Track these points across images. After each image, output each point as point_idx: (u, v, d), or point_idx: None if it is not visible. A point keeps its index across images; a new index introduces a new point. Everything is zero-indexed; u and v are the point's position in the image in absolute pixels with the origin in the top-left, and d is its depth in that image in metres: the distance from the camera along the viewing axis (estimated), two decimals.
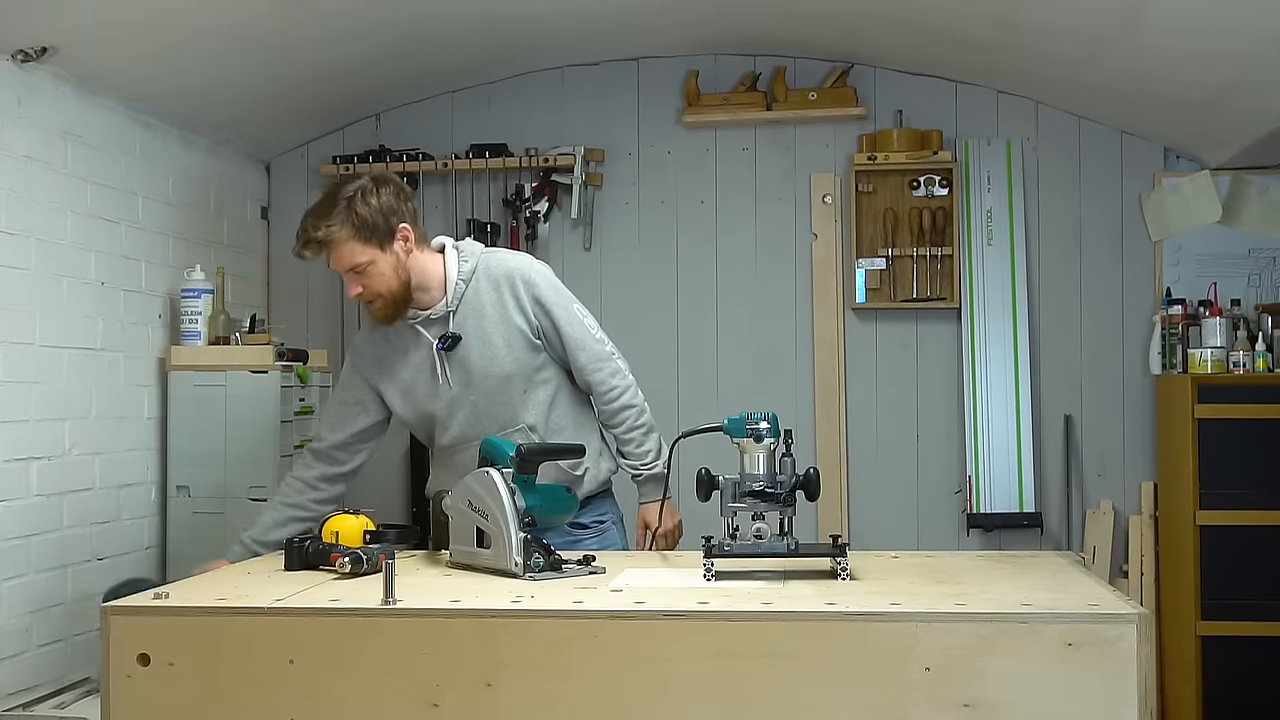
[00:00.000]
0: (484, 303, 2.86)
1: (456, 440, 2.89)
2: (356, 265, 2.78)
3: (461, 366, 2.86)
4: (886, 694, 1.91)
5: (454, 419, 2.88)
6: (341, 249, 2.77)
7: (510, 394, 2.86)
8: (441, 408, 2.88)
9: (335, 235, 2.75)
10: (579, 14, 4.19)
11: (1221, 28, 3.39)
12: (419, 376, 2.89)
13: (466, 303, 2.86)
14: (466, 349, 2.84)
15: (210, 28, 3.60)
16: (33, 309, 3.50)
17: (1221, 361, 4.20)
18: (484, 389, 2.85)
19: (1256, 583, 4.08)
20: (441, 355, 2.85)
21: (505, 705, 1.98)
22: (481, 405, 2.85)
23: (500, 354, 2.85)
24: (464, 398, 2.86)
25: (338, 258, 2.79)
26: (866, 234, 4.61)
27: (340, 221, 2.76)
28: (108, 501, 3.83)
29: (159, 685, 2.04)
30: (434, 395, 2.88)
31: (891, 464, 4.63)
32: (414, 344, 2.89)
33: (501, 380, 2.85)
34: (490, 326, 2.85)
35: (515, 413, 2.86)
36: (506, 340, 2.85)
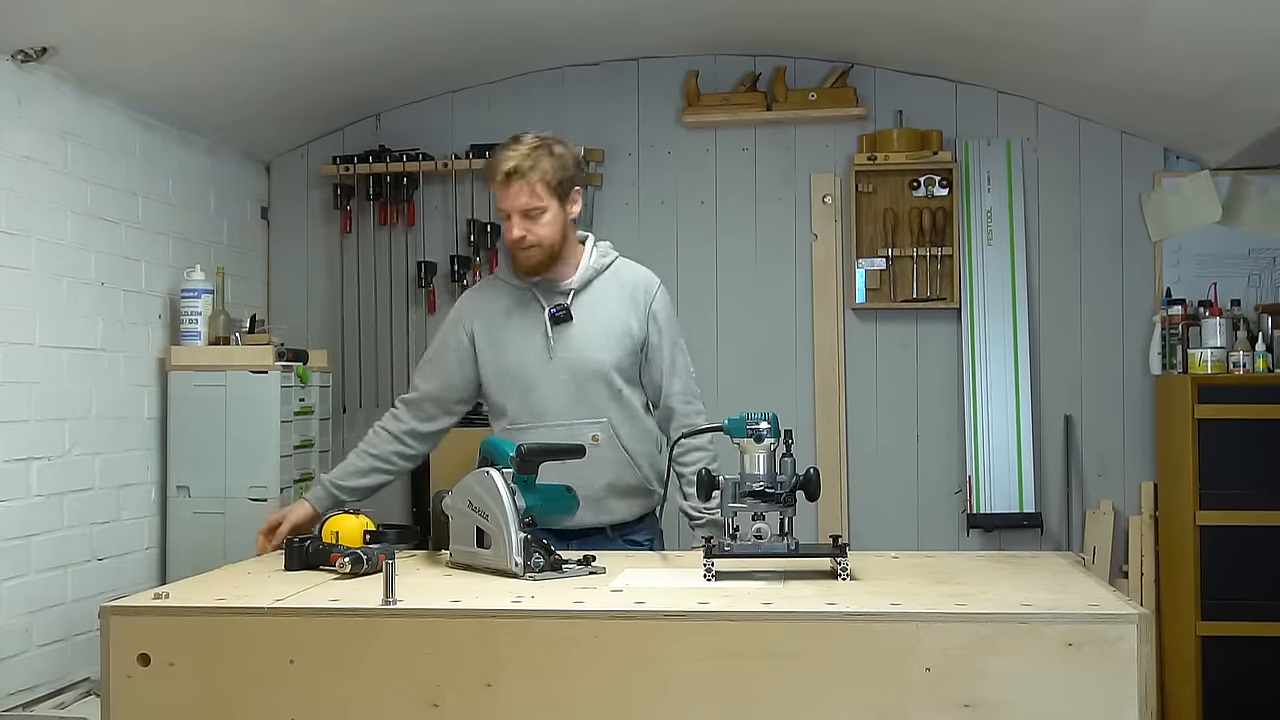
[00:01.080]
0: (608, 297, 2.92)
1: (536, 417, 2.87)
2: (534, 208, 2.80)
3: (566, 345, 2.87)
4: (886, 694, 1.91)
5: (540, 390, 2.87)
6: (531, 185, 2.79)
7: (602, 387, 2.88)
8: (533, 374, 2.88)
9: (530, 169, 2.78)
10: (579, 14, 4.19)
11: (1222, 27, 3.39)
12: (522, 341, 2.90)
13: (590, 290, 2.91)
14: (576, 330, 2.87)
15: (210, 28, 3.60)
16: (33, 309, 3.50)
17: (1221, 362, 4.20)
18: (580, 373, 2.87)
19: (1256, 583, 4.08)
20: (549, 325, 2.87)
21: (505, 705, 1.98)
22: (571, 385, 2.86)
23: (606, 345, 2.88)
24: (559, 375, 2.87)
25: (519, 193, 2.79)
26: (866, 234, 4.61)
27: (536, 159, 2.79)
28: (108, 501, 3.83)
29: (159, 685, 2.04)
30: (528, 361, 2.88)
31: (891, 464, 4.63)
32: (526, 309, 2.91)
33: (598, 370, 2.88)
34: (605, 319, 2.90)
35: (603, 406, 2.88)
36: (616, 337, 2.89)
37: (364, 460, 2.93)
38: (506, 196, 2.81)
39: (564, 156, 2.86)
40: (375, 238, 4.84)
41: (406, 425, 2.97)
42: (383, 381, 4.81)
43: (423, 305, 4.82)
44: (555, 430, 2.83)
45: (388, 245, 4.84)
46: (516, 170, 2.78)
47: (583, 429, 2.85)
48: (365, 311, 4.84)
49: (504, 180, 2.79)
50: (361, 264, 4.85)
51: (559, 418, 2.85)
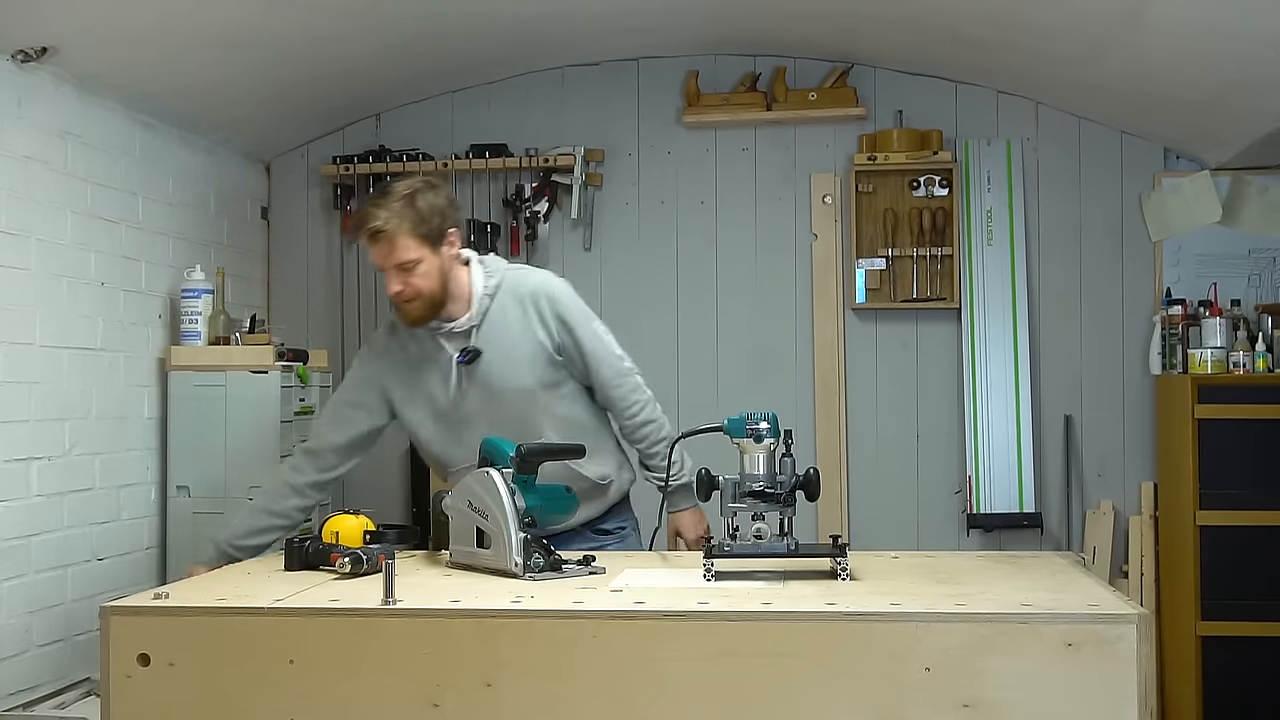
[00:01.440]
0: (508, 319, 2.86)
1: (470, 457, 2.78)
2: (406, 261, 2.76)
3: (481, 381, 2.84)
4: (886, 694, 1.91)
5: (474, 430, 2.81)
6: (397, 242, 2.75)
7: (532, 408, 2.86)
8: (459, 419, 2.86)
9: (395, 227, 2.74)
10: (579, 14, 4.19)
11: (1221, 28, 3.39)
12: (438, 389, 2.87)
13: (490, 318, 2.85)
14: (488, 363, 2.83)
15: (210, 28, 3.60)
16: (33, 309, 3.50)
17: (1221, 362, 4.20)
18: (504, 403, 2.84)
19: (1256, 583, 4.08)
20: (460, 369, 2.83)
21: (505, 705, 1.98)
22: (500, 419, 2.82)
23: (522, 369, 2.84)
24: (483, 412, 2.84)
25: (389, 251, 2.76)
26: (866, 234, 4.61)
27: (400, 214, 2.75)
28: (108, 501, 3.83)
29: (159, 685, 2.04)
30: (451, 409, 2.86)
31: (891, 464, 4.63)
32: (434, 355, 2.88)
33: (522, 395, 2.85)
34: (513, 342, 2.85)
35: (538, 425, 2.85)
36: (529, 357, 2.85)
37: (262, 519, 2.90)
38: (376, 254, 2.78)
39: (433, 204, 2.78)
40: None
41: (309, 478, 2.95)
42: None
43: None
44: None
45: None
46: (380, 230, 2.74)
47: None
48: (365, 311, 4.83)
49: (369, 240, 2.76)
50: (361, 264, 4.84)
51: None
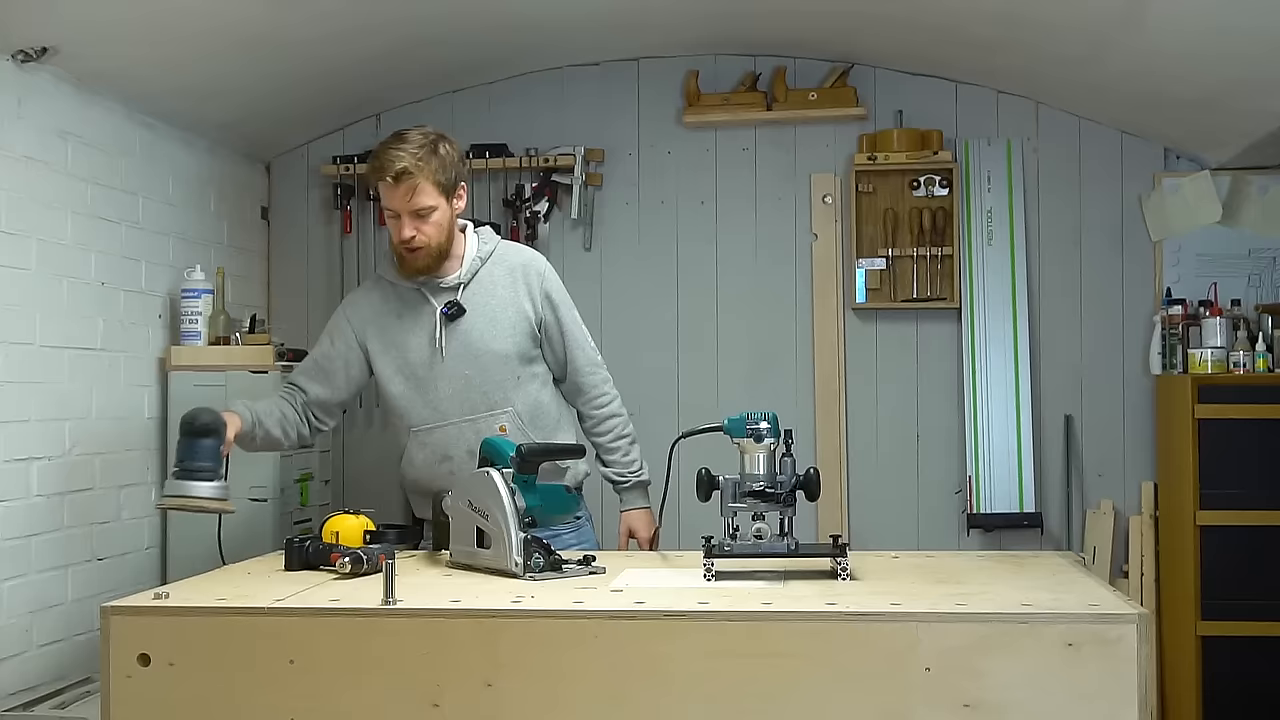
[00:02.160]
0: (496, 284, 2.89)
1: (440, 415, 2.87)
2: (423, 208, 2.78)
3: (462, 340, 2.86)
4: (886, 694, 1.91)
5: (443, 391, 2.86)
6: (419, 186, 2.76)
7: (505, 376, 2.87)
8: (432, 374, 2.87)
9: (419, 170, 2.75)
10: (579, 14, 4.19)
11: (1222, 28, 3.39)
12: (416, 341, 2.88)
13: (479, 280, 2.88)
14: (470, 323, 2.85)
15: (211, 28, 3.60)
16: (33, 309, 3.50)
17: (1221, 361, 4.20)
18: (480, 365, 2.86)
19: (1256, 583, 4.08)
20: (443, 321, 2.85)
21: (505, 705, 1.98)
22: (475, 381, 2.85)
23: (503, 333, 2.87)
24: (458, 371, 2.86)
25: (409, 194, 2.76)
26: (866, 234, 4.61)
27: (425, 159, 2.76)
28: (108, 501, 3.83)
29: (159, 685, 2.04)
30: (428, 363, 2.87)
31: (891, 464, 4.63)
32: (417, 309, 2.89)
33: (499, 359, 2.87)
34: (497, 306, 2.88)
35: (506, 395, 2.87)
36: (511, 323, 2.88)
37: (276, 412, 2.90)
38: (395, 196, 2.78)
39: (450, 154, 2.83)
40: (375, 238, 4.84)
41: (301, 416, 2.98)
42: None
43: None
44: (462, 427, 2.84)
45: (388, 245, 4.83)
46: (406, 171, 2.74)
47: (489, 421, 2.85)
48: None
49: (393, 180, 2.75)
50: (361, 264, 4.84)
51: (464, 414, 2.85)
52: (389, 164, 2.75)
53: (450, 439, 2.82)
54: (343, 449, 4.79)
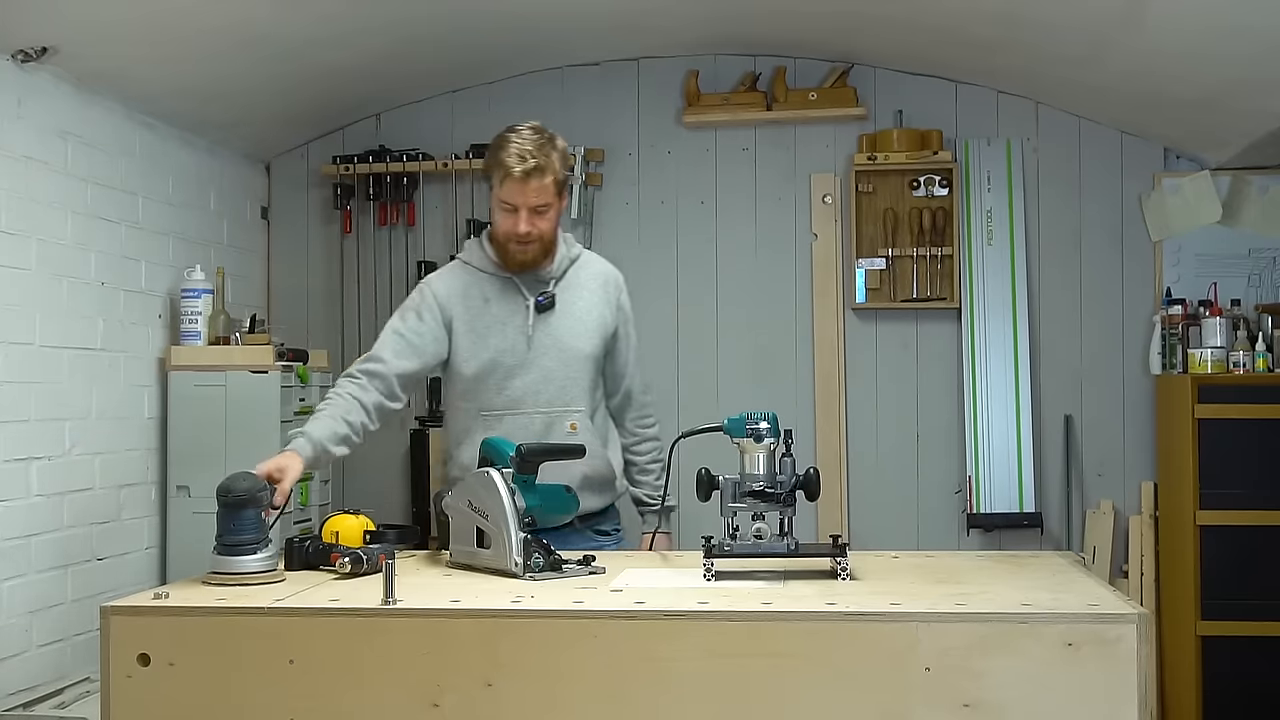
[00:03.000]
0: (582, 287, 2.96)
1: (514, 403, 2.88)
2: (542, 204, 2.82)
3: (549, 333, 2.90)
4: (886, 694, 1.91)
5: (521, 378, 2.87)
6: (545, 183, 2.80)
7: (581, 375, 2.92)
8: (514, 362, 2.88)
9: (547, 166, 2.80)
10: (579, 14, 4.19)
11: (1221, 28, 3.39)
12: (502, 328, 2.89)
13: (568, 280, 2.94)
14: (558, 318, 2.90)
15: (210, 28, 3.60)
16: (33, 309, 3.50)
17: (1221, 361, 4.20)
18: (562, 360, 2.90)
19: (1256, 583, 4.08)
20: (535, 315, 2.89)
21: (505, 705, 1.98)
22: (554, 375, 2.88)
23: (586, 334, 2.93)
24: (541, 362, 2.88)
25: (535, 189, 2.79)
26: (866, 234, 4.61)
27: (550, 155, 2.81)
28: (108, 501, 3.83)
29: (159, 685, 2.04)
30: (511, 349, 2.88)
31: (891, 464, 4.63)
32: (507, 297, 2.91)
33: (580, 358, 2.91)
34: (583, 308, 2.94)
35: (579, 394, 2.91)
36: (593, 326, 2.94)
37: (341, 427, 2.76)
38: (522, 192, 2.79)
39: (566, 153, 2.90)
40: (375, 238, 4.84)
41: (374, 399, 2.83)
42: None
43: None
44: (533, 418, 2.85)
45: (388, 245, 4.84)
46: (537, 168, 2.78)
47: (561, 416, 2.88)
48: (365, 311, 4.83)
49: (522, 176, 2.77)
50: (361, 264, 4.85)
51: (537, 405, 2.86)
52: (520, 158, 2.78)
53: (520, 427, 2.82)
54: None
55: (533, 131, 2.83)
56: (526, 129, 2.84)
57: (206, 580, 2.29)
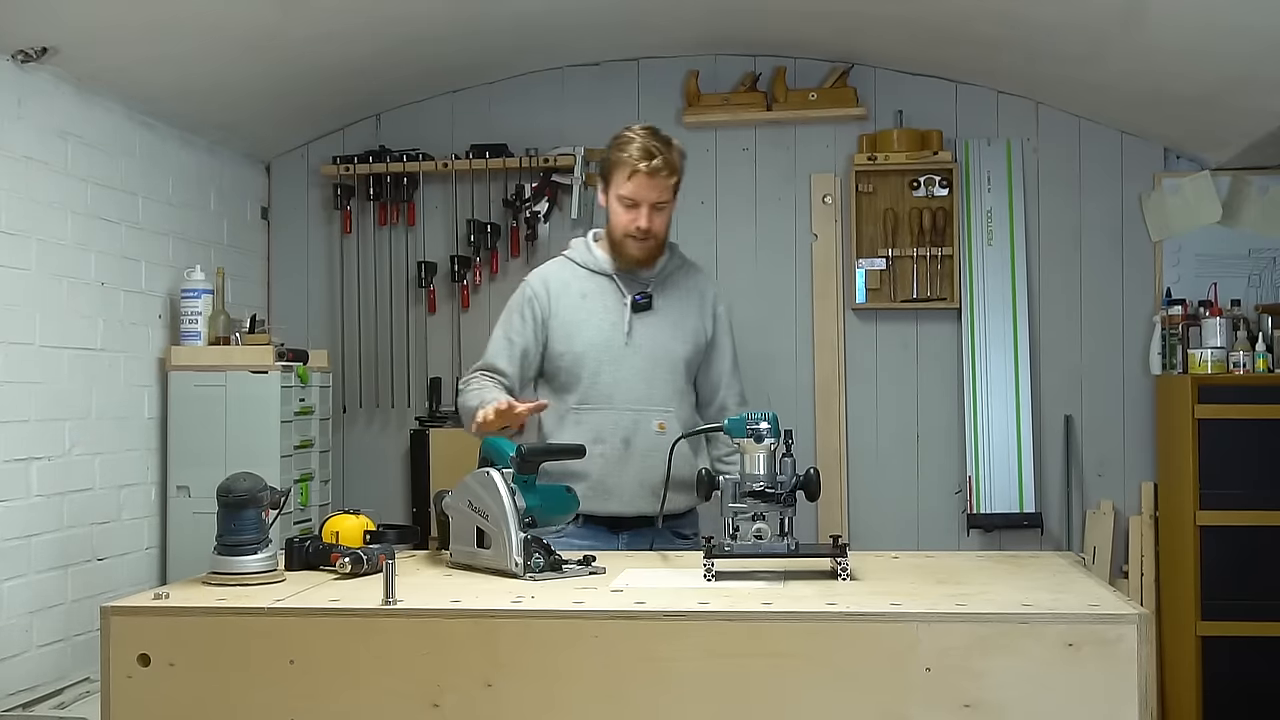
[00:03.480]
0: (681, 291, 2.99)
1: (605, 399, 2.90)
2: (663, 201, 2.87)
3: (645, 333, 2.92)
4: (886, 694, 1.91)
5: (612, 374, 2.90)
6: (670, 181, 2.86)
7: (673, 377, 2.94)
8: (607, 357, 2.91)
9: (675, 164, 2.86)
10: (579, 14, 4.19)
11: (1222, 27, 3.39)
12: (599, 322, 2.93)
13: (667, 282, 2.98)
14: (655, 319, 2.93)
15: (211, 28, 3.60)
16: (33, 309, 3.50)
17: (1221, 362, 4.20)
18: (655, 360, 2.92)
19: (1256, 583, 4.08)
20: (632, 314, 2.92)
21: (505, 705, 1.98)
22: (646, 373, 2.91)
23: (679, 337, 2.96)
24: (634, 360, 2.91)
25: (660, 187, 2.85)
26: (866, 234, 4.61)
27: (675, 153, 2.87)
28: (108, 501, 3.83)
29: (159, 685, 2.04)
30: (605, 344, 2.91)
31: (891, 464, 4.63)
32: (606, 293, 2.95)
33: (672, 360, 2.94)
34: (679, 313, 2.97)
35: (669, 396, 2.93)
36: (688, 331, 2.97)
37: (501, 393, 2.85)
38: (646, 187, 2.84)
39: (682, 151, 2.93)
40: (375, 238, 4.84)
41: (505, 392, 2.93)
42: (383, 381, 4.80)
43: (423, 305, 4.82)
44: (622, 414, 2.88)
45: (388, 245, 4.84)
46: (666, 165, 2.83)
47: (650, 415, 2.90)
48: (365, 311, 4.84)
49: (649, 173, 2.82)
50: (361, 264, 4.85)
51: (626, 403, 2.89)
52: (647, 155, 2.83)
53: (609, 422, 2.87)
54: (343, 449, 4.80)
55: (654, 132, 2.89)
56: (646, 129, 2.89)
57: (206, 580, 2.29)
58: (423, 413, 4.75)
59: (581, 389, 2.93)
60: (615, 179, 2.88)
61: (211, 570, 2.30)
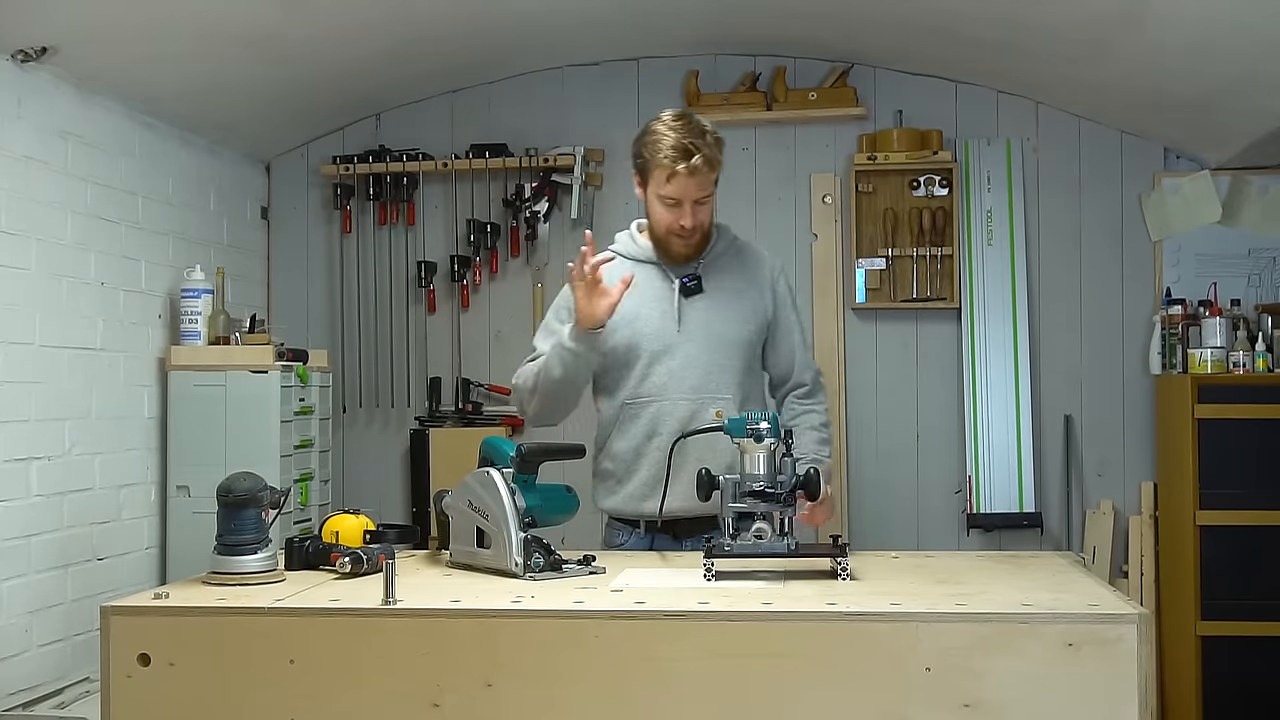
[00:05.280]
0: (731, 269, 2.87)
1: (658, 390, 2.79)
2: (705, 196, 2.75)
3: (696, 318, 2.81)
4: (886, 694, 1.91)
5: (665, 363, 2.79)
6: (710, 176, 2.74)
7: (729, 361, 2.82)
8: (660, 347, 2.80)
9: (717, 159, 2.74)
10: (579, 14, 4.19)
11: (1222, 28, 3.39)
12: (649, 313, 2.82)
13: (716, 264, 2.86)
14: (706, 303, 2.82)
15: (210, 28, 3.60)
16: (33, 309, 3.50)
17: (1221, 361, 4.20)
18: (709, 345, 2.80)
19: (1256, 583, 4.08)
20: (681, 299, 2.81)
21: (505, 705, 1.98)
22: (700, 360, 2.79)
23: (739, 320, 2.83)
24: (687, 348, 2.80)
25: (701, 184, 2.73)
26: (866, 234, 4.61)
27: (715, 146, 2.74)
28: (108, 501, 3.83)
29: (159, 685, 2.04)
30: (657, 334, 2.81)
31: (891, 464, 4.63)
32: (654, 282, 2.84)
33: (728, 344, 2.82)
34: (735, 290, 2.85)
35: (727, 381, 2.80)
36: (744, 313, 2.85)
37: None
38: (687, 186, 2.72)
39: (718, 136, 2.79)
40: (375, 238, 4.84)
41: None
42: (383, 381, 4.80)
43: (423, 305, 4.82)
44: (677, 404, 2.77)
45: (388, 245, 4.84)
46: (706, 163, 2.70)
47: (706, 403, 2.78)
48: (365, 311, 4.84)
49: (689, 170, 2.69)
50: (361, 264, 4.85)
51: (681, 392, 2.77)
52: (685, 154, 2.70)
53: (663, 414, 2.77)
54: (343, 449, 4.80)
55: (688, 123, 2.74)
56: (678, 120, 2.75)
57: (206, 580, 2.29)
58: (423, 413, 4.75)
59: (635, 382, 2.83)
60: (653, 179, 2.76)
61: (211, 570, 2.30)
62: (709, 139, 2.73)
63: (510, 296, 4.78)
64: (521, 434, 4.68)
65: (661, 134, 2.73)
